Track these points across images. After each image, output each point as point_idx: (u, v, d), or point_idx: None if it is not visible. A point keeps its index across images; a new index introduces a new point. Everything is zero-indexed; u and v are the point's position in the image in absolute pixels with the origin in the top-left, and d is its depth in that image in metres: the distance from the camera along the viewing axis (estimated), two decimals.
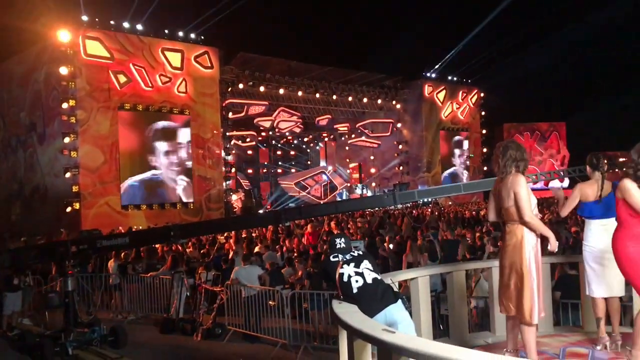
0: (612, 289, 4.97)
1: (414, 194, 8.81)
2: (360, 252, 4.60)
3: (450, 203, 36.07)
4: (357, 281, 4.25)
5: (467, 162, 42.92)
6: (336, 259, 4.45)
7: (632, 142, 4.43)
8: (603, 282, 4.98)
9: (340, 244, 4.60)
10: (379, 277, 4.41)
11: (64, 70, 23.80)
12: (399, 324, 4.04)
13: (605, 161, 5.18)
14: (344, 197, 39.50)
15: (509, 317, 4.70)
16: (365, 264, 4.38)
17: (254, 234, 18.18)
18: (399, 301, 4.25)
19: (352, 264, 4.36)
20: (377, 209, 26.87)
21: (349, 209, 15.59)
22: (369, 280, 4.27)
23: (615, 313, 5.06)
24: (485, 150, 43.89)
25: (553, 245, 4.45)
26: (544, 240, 4.53)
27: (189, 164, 28.14)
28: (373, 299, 4.17)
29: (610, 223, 4.72)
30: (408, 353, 2.88)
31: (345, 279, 4.29)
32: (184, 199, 27.91)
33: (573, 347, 5.11)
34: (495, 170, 4.65)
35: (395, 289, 4.49)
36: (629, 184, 4.20)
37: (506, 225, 4.52)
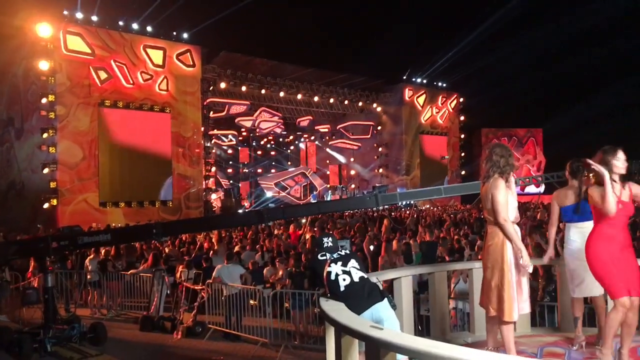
0: (592, 290, 5.15)
1: (395, 197, 8.90)
2: (347, 251, 4.71)
3: (428, 206, 36.40)
4: (344, 279, 4.35)
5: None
6: (324, 258, 4.54)
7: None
8: (583, 282, 5.15)
9: (327, 243, 4.68)
10: (366, 276, 4.51)
11: (43, 65, 23.53)
12: (385, 322, 4.14)
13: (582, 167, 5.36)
14: (328, 199, 39.58)
15: (488, 317, 4.84)
16: (352, 263, 4.48)
17: (233, 234, 18.19)
18: (385, 299, 4.36)
19: (339, 263, 4.46)
20: (356, 211, 27.06)
21: (331, 209, 15.65)
22: (356, 279, 4.37)
23: (602, 311, 5.24)
24: (463, 154, 44.39)
25: (525, 260, 4.47)
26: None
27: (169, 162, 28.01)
28: (360, 297, 4.28)
29: (587, 226, 4.95)
30: (396, 349, 2.99)
31: (332, 277, 4.39)
32: (163, 197, 27.76)
33: (550, 347, 5.27)
34: (482, 174, 4.79)
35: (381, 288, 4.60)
36: (591, 190, 4.53)
37: (489, 226, 4.68)
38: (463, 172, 43.40)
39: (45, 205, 23.69)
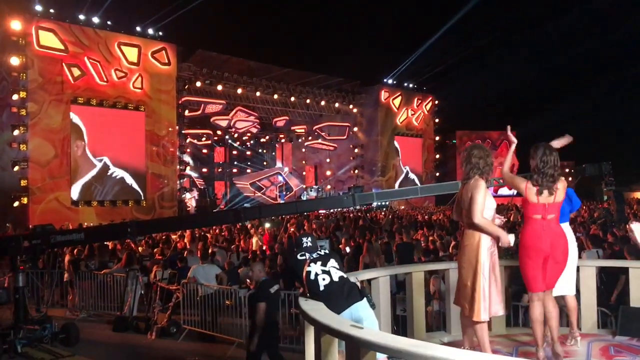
0: (563, 288, 5.24)
1: (372, 196, 8.95)
2: (327, 251, 4.70)
3: (403, 207, 36.67)
4: (324, 279, 4.35)
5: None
6: (303, 258, 4.54)
7: (579, 151, 4.77)
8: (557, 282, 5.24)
9: (307, 242, 4.68)
10: (345, 276, 4.52)
11: (15, 61, 23.06)
12: (364, 321, 4.16)
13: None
14: (304, 199, 39.55)
15: (464, 317, 4.88)
16: (332, 263, 4.49)
17: (208, 234, 18.06)
18: (364, 299, 4.37)
19: (319, 263, 4.46)
20: (332, 211, 27.12)
21: (309, 209, 15.67)
22: (336, 279, 4.38)
23: (573, 310, 5.35)
24: (438, 156, 44.78)
25: (504, 240, 4.59)
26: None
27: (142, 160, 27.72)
28: (339, 297, 4.28)
29: (564, 227, 5.08)
30: (377, 348, 3.00)
31: (312, 277, 4.38)
32: (136, 196, 27.45)
33: (525, 347, 5.34)
34: (461, 175, 4.82)
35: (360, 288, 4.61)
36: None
37: (465, 227, 4.72)
38: (437, 174, 43.80)
39: (16, 204, 23.21)
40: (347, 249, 13.06)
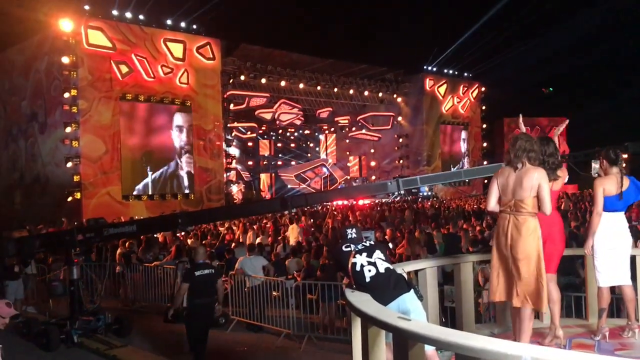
0: (618, 278, 5.05)
1: (416, 181, 8.79)
2: (372, 242, 4.64)
3: (449, 198, 36.19)
4: (369, 270, 4.30)
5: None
6: (348, 249, 4.49)
7: (634, 138, 4.58)
8: (611, 271, 5.05)
9: (351, 234, 4.63)
10: (391, 267, 4.45)
11: (65, 60, 23.80)
12: (412, 313, 4.08)
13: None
14: None
15: (515, 309, 4.74)
16: (378, 254, 4.42)
17: (255, 226, 18.20)
18: (412, 290, 4.30)
19: (364, 254, 4.41)
20: (377, 201, 26.96)
21: (354, 195, 15.56)
22: (382, 270, 4.31)
23: (631, 301, 5.14)
24: (485, 144, 43.92)
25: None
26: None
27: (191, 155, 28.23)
28: (386, 288, 4.22)
29: (619, 216, 4.97)
30: (425, 340, 2.93)
31: (358, 268, 4.33)
32: (186, 190, 28.02)
33: (579, 338, 5.17)
34: (507, 161, 4.66)
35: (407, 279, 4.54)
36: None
37: (518, 217, 4.52)
38: (485, 163, 42.93)
39: (69, 199, 23.99)
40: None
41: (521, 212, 4.47)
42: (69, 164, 23.86)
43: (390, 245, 12.39)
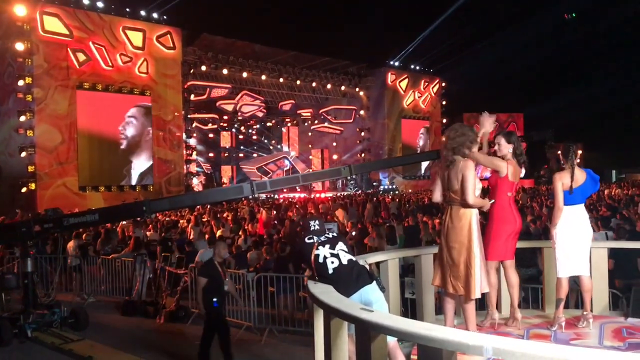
0: (578, 268, 5.20)
1: (367, 166, 9.08)
2: (335, 234, 4.65)
3: (410, 191, 36.62)
4: (332, 262, 4.30)
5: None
6: (311, 241, 4.49)
7: (586, 136, 4.71)
8: (571, 262, 5.19)
9: (314, 226, 4.63)
10: (354, 259, 4.47)
11: (20, 46, 23.02)
12: (374, 304, 4.10)
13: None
14: None
15: (450, 296, 4.92)
16: (340, 246, 4.43)
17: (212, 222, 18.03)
18: (374, 282, 4.32)
19: (327, 246, 4.41)
20: (338, 194, 27.05)
21: (311, 180, 15.88)
22: (345, 262, 4.33)
23: (588, 292, 5.30)
24: (444, 139, 44.50)
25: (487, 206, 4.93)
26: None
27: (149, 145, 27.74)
28: (349, 280, 4.23)
29: (581, 208, 5.15)
30: (388, 331, 2.95)
31: (320, 260, 4.33)
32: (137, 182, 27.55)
33: (536, 329, 5.29)
34: (443, 155, 4.83)
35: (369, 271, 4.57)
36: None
37: (453, 207, 4.71)
38: None
39: (24, 190, 23.29)
40: (354, 233, 13.06)
41: (455, 202, 4.65)
42: (23, 154, 23.12)
43: (354, 233, 12.54)
